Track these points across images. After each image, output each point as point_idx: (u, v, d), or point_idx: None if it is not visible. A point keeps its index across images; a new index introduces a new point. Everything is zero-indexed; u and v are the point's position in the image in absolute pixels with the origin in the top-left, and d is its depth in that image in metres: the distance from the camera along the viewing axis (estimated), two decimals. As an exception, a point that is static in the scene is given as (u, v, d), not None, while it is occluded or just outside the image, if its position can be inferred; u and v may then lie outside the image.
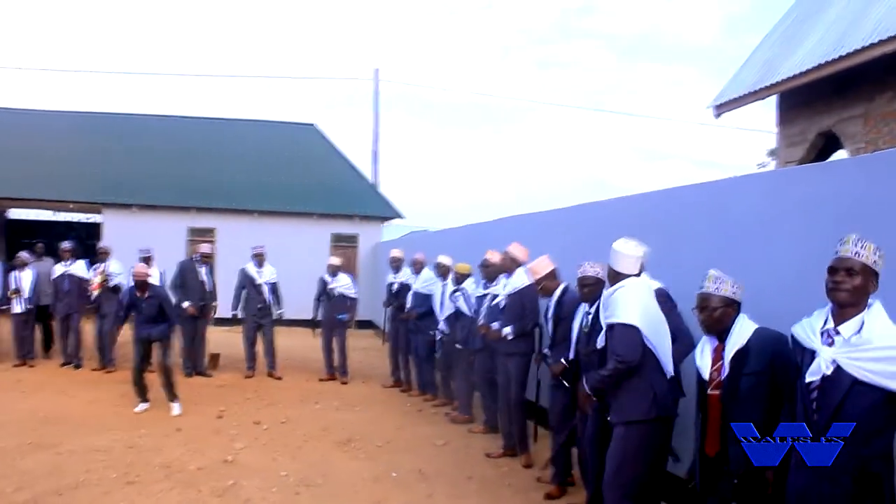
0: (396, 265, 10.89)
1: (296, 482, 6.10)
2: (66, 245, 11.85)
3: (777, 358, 3.38)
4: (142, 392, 8.61)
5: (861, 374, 2.82)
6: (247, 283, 11.32)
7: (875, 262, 2.92)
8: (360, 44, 66.40)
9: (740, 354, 3.46)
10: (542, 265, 6.24)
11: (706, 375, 3.56)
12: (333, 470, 6.51)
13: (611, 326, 4.32)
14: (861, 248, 2.92)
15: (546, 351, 6.32)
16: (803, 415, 2.97)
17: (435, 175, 60.43)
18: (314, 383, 10.87)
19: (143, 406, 8.59)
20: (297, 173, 20.85)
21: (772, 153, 24.37)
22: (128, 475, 6.11)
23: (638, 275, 4.47)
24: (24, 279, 11.46)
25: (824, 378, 2.92)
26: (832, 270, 2.96)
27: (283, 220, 19.11)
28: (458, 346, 8.50)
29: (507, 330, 6.88)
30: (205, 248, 11.67)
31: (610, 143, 70.38)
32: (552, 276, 6.18)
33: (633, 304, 4.18)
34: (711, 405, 3.48)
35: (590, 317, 5.28)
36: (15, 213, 23.30)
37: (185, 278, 11.16)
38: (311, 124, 23.62)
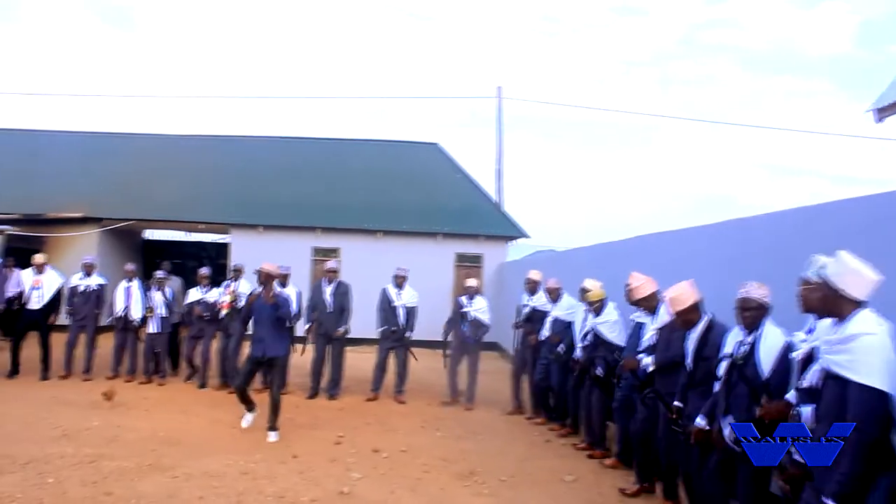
0: (532, 287, 10.32)
1: (413, 520, 5.63)
2: (203, 271, 11.94)
3: None
4: (247, 402, 8.41)
5: None
6: (385, 305, 11.03)
7: None
8: (483, 63, 66.60)
9: None
10: (685, 296, 5.51)
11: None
12: (455, 506, 6.01)
13: (841, 380, 3.34)
14: None
15: (677, 404, 5.56)
16: None
17: (559, 194, 59.69)
18: (436, 408, 10.43)
19: (249, 417, 8.40)
20: (421, 193, 20.66)
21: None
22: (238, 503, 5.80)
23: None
24: (158, 299, 11.59)
25: None
26: None
27: (406, 239, 18.91)
28: (597, 374, 7.80)
29: (647, 360, 6.20)
30: (329, 264, 11.44)
31: (737, 160, 67.66)
32: (695, 308, 5.47)
33: (881, 358, 3.22)
34: None
35: (746, 348, 4.59)
36: (150, 234, 24.13)
37: (315, 300, 11.00)
38: (435, 143, 23.44)
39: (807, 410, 3.65)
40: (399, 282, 11.12)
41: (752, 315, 4.57)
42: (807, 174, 62.59)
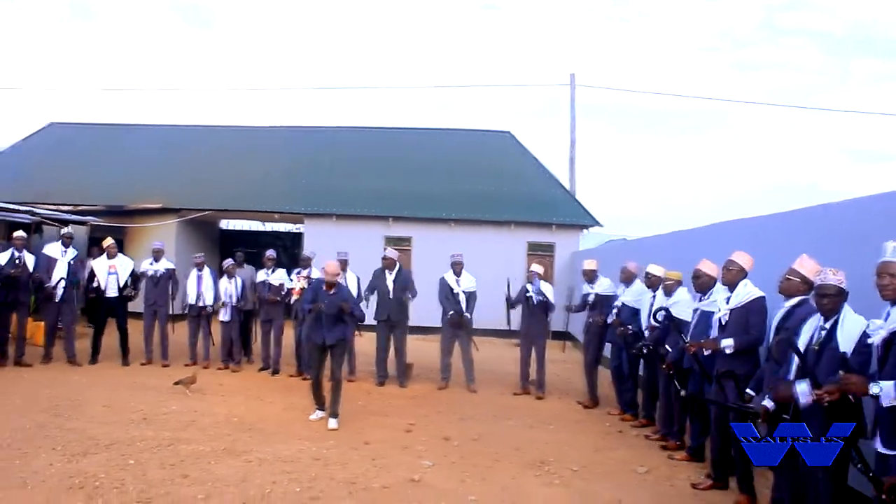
0: (589, 277, 10.25)
1: (483, 509, 5.59)
2: (269, 254, 12.13)
3: None
4: (319, 399, 8.45)
5: None
6: (446, 293, 11.02)
7: None
8: (556, 50, 65.85)
9: None
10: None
11: None
12: (524, 496, 5.94)
13: None
14: None
15: (750, 392, 5.41)
16: None
17: (632, 182, 58.70)
18: (508, 398, 10.36)
19: (318, 413, 8.42)
20: (493, 181, 20.56)
21: None
22: (311, 489, 5.85)
23: None
24: (230, 287, 11.80)
25: None
26: None
27: (478, 228, 18.87)
28: (667, 358, 7.60)
29: (728, 342, 6.00)
30: (388, 252, 11.41)
31: (819, 146, 65.37)
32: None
33: None
34: None
35: (824, 332, 4.44)
36: (227, 224, 24.66)
37: (376, 285, 11.05)
38: (507, 132, 23.31)
39: (888, 385, 3.58)
40: (457, 268, 11.06)
41: (831, 301, 4.45)
42: (892, 159, 60.13)
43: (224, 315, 11.79)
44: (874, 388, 3.65)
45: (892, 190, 5.45)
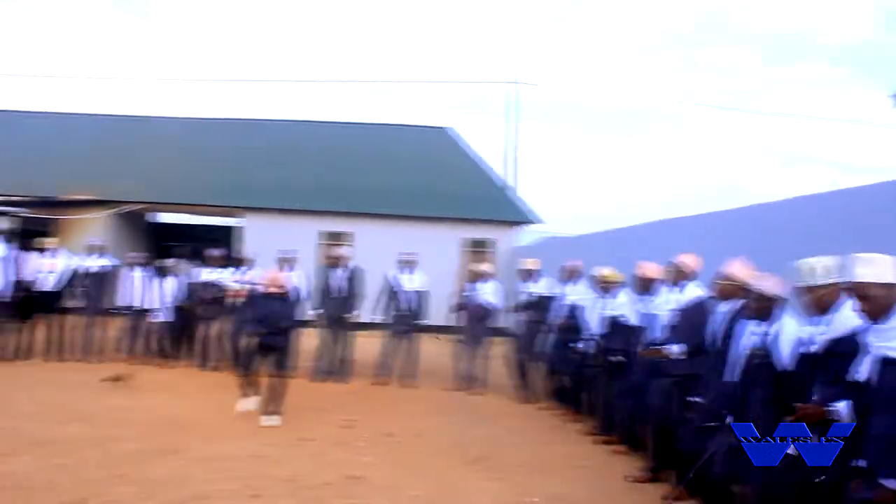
0: (530, 275, 10.33)
1: (426, 504, 5.61)
2: (214, 252, 11.94)
3: None
4: (249, 386, 8.29)
5: None
6: (391, 290, 10.99)
7: None
8: (499, 47, 66.14)
9: None
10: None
11: None
12: (465, 492, 5.98)
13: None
14: None
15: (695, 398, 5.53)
16: None
17: (573, 180, 59.35)
18: (447, 393, 10.42)
19: (249, 401, 8.26)
20: (431, 177, 20.62)
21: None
22: (251, 487, 5.78)
23: None
24: (169, 286, 11.58)
25: None
26: None
27: (416, 224, 18.88)
28: (611, 358, 7.73)
29: (676, 348, 6.11)
30: (333, 251, 11.36)
31: (748, 148, 67.31)
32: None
33: None
34: None
35: (764, 339, 4.52)
36: (158, 217, 24.15)
37: (324, 285, 10.98)
38: (446, 128, 23.39)
39: (842, 406, 3.61)
40: (407, 266, 11.06)
41: (768, 306, 4.52)
42: (818, 162, 62.19)
43: (161, 314, 11.56)
44: (832, 413, 3.71)
45: (825, 191, 5.66)
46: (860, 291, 3.47)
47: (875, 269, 3.44)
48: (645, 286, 7.15)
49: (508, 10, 66.07)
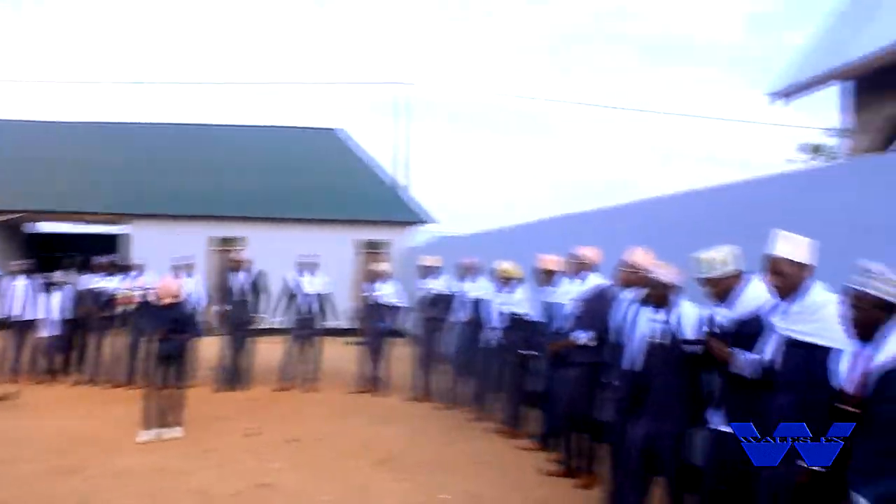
0: (429, 273, 10.47)
1: (338, 508, 5.66)
2: (101, 260, 11.56)
3: None
4: (152, 418, 7.86)
5: None
6: (293, 293, 10.91)
7: None
8: (388, 48, 66.07)
9: (890, 373, 2.82)
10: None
11: (846, 383, 3.00)
12: (376, 494, 6.06)
13: (805, 347, 3.52)
14: None
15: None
16: None
17: (467, 180, 59.99)
18: (348, 396, 10.43)
19: (148, 435, 7.73)
20: (324, 180, 20.51)
21: (805, 148, 23.55)
22: (158, 501, 5.70)
23: None
24: (56, 298, 11.13)
25: None
26: None
27: (311, 227, 18.69)
28: (520, 352, 7.93)
29: (582, 336, 6.30)
30: (236, 255, 11.19)
31: (634, 146, 69.75)
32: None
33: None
34: (843, 422, 2.92)
35: (664, 326, 4.75)
36: (38, 227, 23.09)
37: (226, 290, 10.83)
38: (338, 130, 23.32)
39: (752, 357, 3.88)
40: (307, 269, 11.02)
41: (664, 294, 4.73)
42: (693, 158, 65.02)
43: (47, 327, 11.10)
44: (737, 358, 3.96)
45: (722, 184, 6.02)
46: (775, 267, 3.61)
47: (791, 246, 3.61)
48: (546, 278, 7.36)
49: (399, 11, 66.19)
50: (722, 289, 4.13)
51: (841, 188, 4.80)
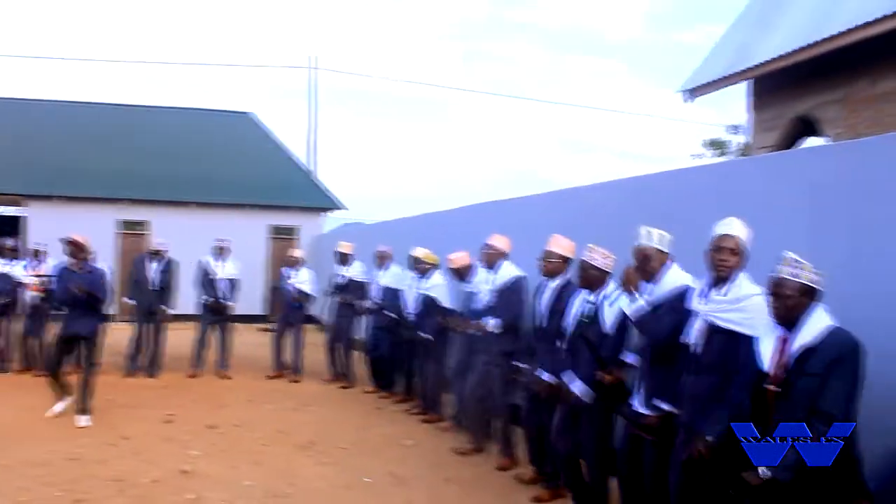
0: (344, 259, 10.45)
1: (263, 493, 5.62)
2: (8, 242, 11.04)
3: (836, 365, 3.02)
4: (60, 388, 7.83)
5: None
6: (203, 278, 10.69)
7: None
8: (296, 32, 65.06)
9: (807, 352, 3.10)
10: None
11: (767, 366, 3.21)
12: (300, 477, 6.06)
13: (728, 335, 3.72)
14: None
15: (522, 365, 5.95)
16: None
17: (374, 166, 59.79)
18: (263, 382, 10.36)
19: (60, 406, 7.79)
20: (234, 164, 20.14)
21: (710, 144, 24.45)
22: (74, 492, 5.53)
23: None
24: None
25: None
26: None
27: (219, 212, 18.34)
28: (429, 338, 8.02)
29: (493, 322, 6.41)
30: (154, 243, 10.85)
31: (537, 136, 70.99)
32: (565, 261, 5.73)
33: (766, 314, 3.46)
34: (766, 400, 3.15)
35: (591, 306, 4.95)
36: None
37: (136, 277, 10.52)
38: (247, 113, 22.87)
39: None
40: (220, 253, 10.84)
41: (594, 277, 4.92)
42: (599, 150, 66.60)
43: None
44: (633, 304, 4.24)
45: (636, 175, 6.24)
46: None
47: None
48: (459, 275, 7.48)
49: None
50: (654, 265, 4.30)
51: (750, 182, 5.05)
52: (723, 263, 3.72)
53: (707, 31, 68.10)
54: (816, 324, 3.12)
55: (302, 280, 10.80)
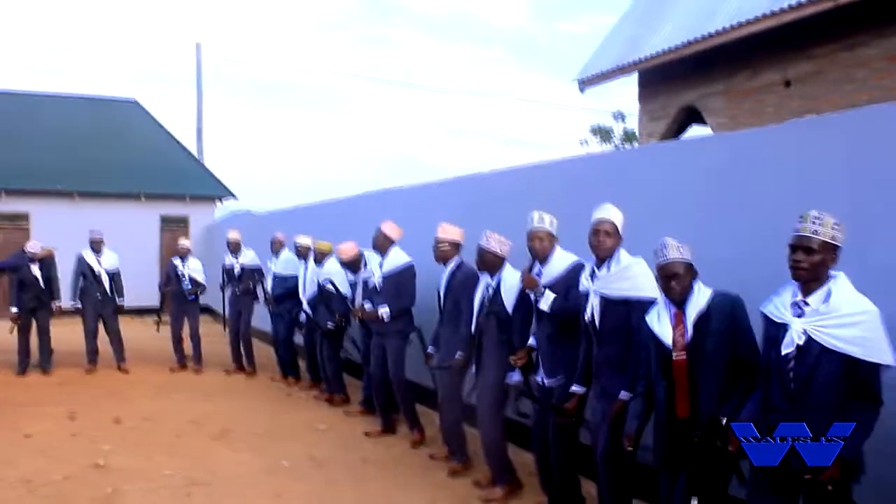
0: (234, 248, 10.37)
1: (183, 482, 5.63)
2: None
3: (734, 319, 3.41)
4: None
5: (828, 342, 2.91)
6: (85, 272, 10.33)
7: (834, 237, 2.98)
8: (181, 17, 62.96)
9: (703, 318, 3.45)
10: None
11: (668, 341, 3.51)
12: (219, 465, 6.08)
13: (622, 303, 4.08)
14: (819, 225, 2.97)
15: (431, 350, 6.16)
16: (779, 386, 3.01)
17: (264, 155, 58.77)
18: (165, 375, 10.18)
19: None
20: (121, 152, 19.39)
21: (596, 131, 25.26)
22: (-17, 493, 5.40)
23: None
24: None
25: (798, 348, 2.99)
26: (792, 249, 3.02)
27: (106, 202, 17.76)
28: (329, 325, 8.12)
29: (385, 310, 6.63)
30: (31, 246, 10.31)
31: (422, 121, 71.37)
32: (456, 247, 5.96)
33: (651, 278, 3.89)
34: (678, 369, 3.44)
35: (491, 289, 5.20)
36: None
37: (21, 275, 10.06)
38: (133, 100, 22.07)
39: (549, 295, 4.56)
40: (96, 246, 10.46)
41: (491, 262, 5.17)
42: (481, 136, 67.54)
43: None
44: (544, 298, 4.52)
45: (531, 164, 6.49)
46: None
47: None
48: (351, 266, 7.59)
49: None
50: (545, 246, 4.64)
51: (644, 170, 5.35)
52: (601, 244, 4.10)
53: (592, 21, 70.11)
54: (702, 294, 3.50)
55: (193, 269, 10.56)
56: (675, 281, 3.49)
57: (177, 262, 10.62)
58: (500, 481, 5.33)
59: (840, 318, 2.90)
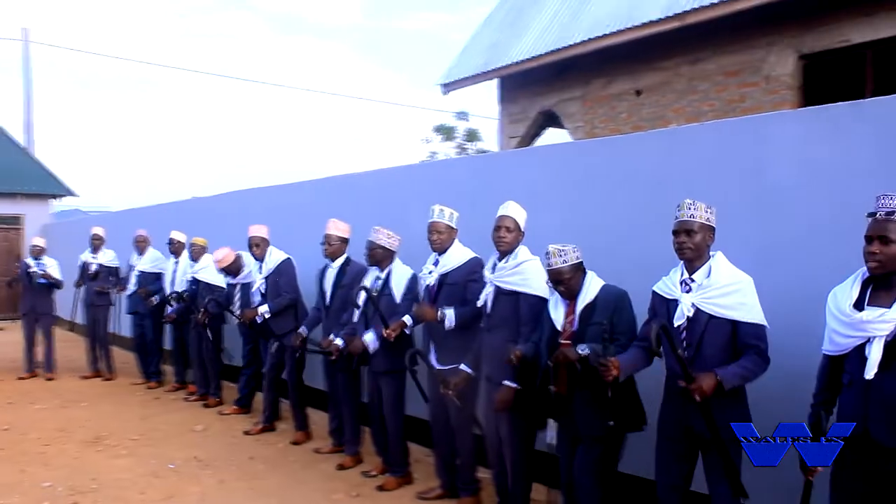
0: (96, 246, 9.96)
1: (66, 491, 5.44)
2: None
3: (616, 311, 3.81)
4: None
5: (713, 310, 3.35)
6: None
7: (709, 218, 3.43)
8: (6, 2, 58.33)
9: (588, 308, 3.86)
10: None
11: (560, 326, 3.92)
12: (100, 472, 5.89)
13: (513, 295, 4.37)
14: (695, 210, 3.42)
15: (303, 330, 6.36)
16: (672, 354, 3.35)
17: (104, 153, 55.66)
18: (15, 383, 9.63)
19: None
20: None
21: (438, 129, 25.80)
22: None
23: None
24: None
25: (688, 319, 3.41)
26: (675, 233, 3.44)
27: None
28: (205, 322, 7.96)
29: (264, 308, 6.72)
30: None
31: (266, 117, 70.06)
32: (344, 241, 6.11)
33: (541, 275, 4.24)
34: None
35: (380, 281, 5.39)
36: None
37: None
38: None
39: (450, 311, 4.74)
40: None
41: (381, 256, 5.39)
42: (326, 132, 67.04)
43: None
44: (443, 313, 4.74)
45: (408, 164, 6.69)
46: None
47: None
48: (230, 272, 7.49)
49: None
50: (444, 238, 4.87)
51: (519, 172, 5.66)
52: (502, 239, 4.38)
53: (427, 18, 70.99)
54: (592, 286, 3.90)
55: (48, 268, 10.04)
56: (561, 284, 3.90)
57: (29, 261, 10.08)
58: (396, 472, 5.52)
59: (720, 288, 3.34)
